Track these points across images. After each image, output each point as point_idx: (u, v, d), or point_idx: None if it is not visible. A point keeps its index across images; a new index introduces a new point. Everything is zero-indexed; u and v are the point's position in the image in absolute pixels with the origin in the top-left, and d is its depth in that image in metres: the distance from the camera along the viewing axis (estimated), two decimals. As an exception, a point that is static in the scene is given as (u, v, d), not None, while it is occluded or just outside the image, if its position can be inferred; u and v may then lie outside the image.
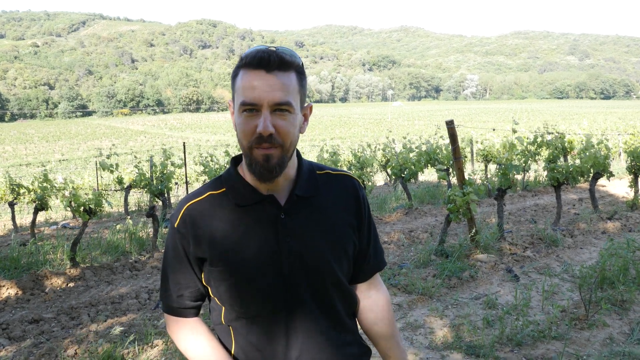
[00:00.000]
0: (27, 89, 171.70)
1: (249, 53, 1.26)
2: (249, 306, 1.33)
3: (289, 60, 1.26)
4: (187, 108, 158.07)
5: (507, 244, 6.20)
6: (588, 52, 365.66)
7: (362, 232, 1.46)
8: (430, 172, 17.26)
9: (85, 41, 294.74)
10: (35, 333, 4.30)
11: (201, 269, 1.37)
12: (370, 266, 1.50)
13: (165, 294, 1.42)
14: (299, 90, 1.29)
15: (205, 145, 43.73)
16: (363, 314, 1.52)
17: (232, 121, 1.32)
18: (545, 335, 3.80)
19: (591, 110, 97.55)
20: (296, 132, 1.29)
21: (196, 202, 1.36)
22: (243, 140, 1.27)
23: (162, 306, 1.45)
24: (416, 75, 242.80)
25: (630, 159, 8.93)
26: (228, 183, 1.38)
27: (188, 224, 1.34)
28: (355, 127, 73.08)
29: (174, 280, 1.39)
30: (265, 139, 1.24)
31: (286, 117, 1.25)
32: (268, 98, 1.23)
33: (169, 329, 1.46)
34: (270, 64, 1.23)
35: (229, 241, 1.31)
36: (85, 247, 7.12)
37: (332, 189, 1.42)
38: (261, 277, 1.31)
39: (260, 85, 1.23)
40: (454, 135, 6.03)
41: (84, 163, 38.25)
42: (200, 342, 1.40)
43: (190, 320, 1.43)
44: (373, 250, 1.50)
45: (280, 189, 1.35)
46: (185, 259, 1.36)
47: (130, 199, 13.98)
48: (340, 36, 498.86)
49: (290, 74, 1.26)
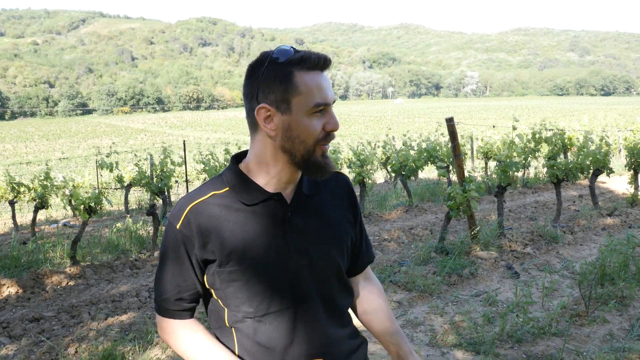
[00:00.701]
0: (27, 87, 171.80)
1: (305, 54, 1.28)
2: (258, 305, 1.32)
3: (330, 61, 1.33)
4: (188, 106, 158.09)
5: (507, 241, 6.20)
6: (588, 48, 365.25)
7: (357, 226, 1.52)
8: (431, 169, 17.25)
9: (86, 39, 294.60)
10: (36, 332, 4.30)
11: (203, 271, 1.35)
12: (364, 259, 1.57)
13: (161, 297, 1.38)
14: None
15: (205, 143, 43.72)
16: (361, 305, 1.57)
17: (271, 126, 1.29)
18: (546, 331, 3.81)
19: (591, 106, 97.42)
20: None
21: (200, 202, 1.34)
22: (309, 140, 1.29)
23: (157, 309, 1.41)
24: (416, 72, 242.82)
25: (631, 155, 8.93)
26: (232, 182, 1.37)
27: (193, 225, 1.32)
28: (356, 124, 73.07)
29: (173, 283, 1.36)
30: (332, 135, 1.32)
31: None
32: (332, 96, 1.31)
33: (164, 332, 1.42)
34: (327, 64, 1.30)
35: (238, 241, 1.31)
36: (85, 246, 7.13)
37: (328, 186, 1.46)
38: (270, 275, 1.31)
39: (326, 85, 1.29)
40: (453, 133, 6.03)
41: (84, 161, 38.28)
42: (201, 341, 1.38)
43: (188, 321, 1.40)
44: (365, 243, 1.57)
45: (284, 186, 1.37)
46: (187, 260, 1.34)
47: (131, 197, 13.99)
48: (341, 34, 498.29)
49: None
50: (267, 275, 1.31)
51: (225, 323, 1.38)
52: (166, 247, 1.37)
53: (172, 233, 1.35)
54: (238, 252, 1.30)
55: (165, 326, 1.41)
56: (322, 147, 1.30)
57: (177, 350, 1.41)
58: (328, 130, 1.30)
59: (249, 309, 1.33)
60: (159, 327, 1.43)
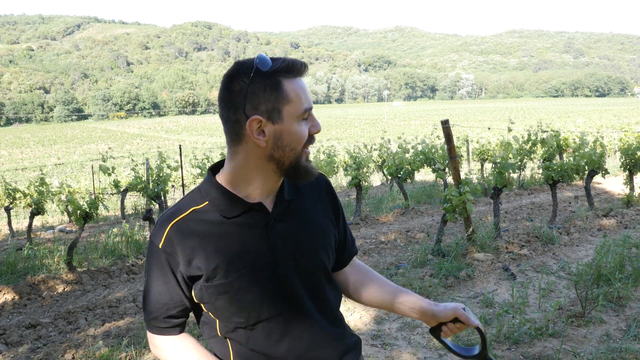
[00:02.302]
0: (22, 93, 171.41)
1: (287, 61, 1.27)
2: (249, 315, 1.32)
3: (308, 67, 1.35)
4: (183, 111, 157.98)
5: (504, 243, 6.21)
6: (583, 50, 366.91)
7: (339, 224, 1.54)
8: (427, 171, 17.27)
9: (81, 44, 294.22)
10: (33, 338, 4.28)
11: (190, 287, 1.34)
12: (348, 254, 1.60)
13: (150, 315, 1.39)
14: None
15: (201, 147, 43.66)
16: (353, 285, 1.61)
17: (262, 136, 1.27)
18: (543, 332, 3.81)
19: (586, 108, 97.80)
20: None
21: (180, 219, 1.33)
22: (298, 146, 1.30)
23: (147, 326, 1.41)
24: (412, 75, 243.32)
25: (625, 156, 8.97)
26: (211, 196, 1.35)
27: (176, 243, 1.31)
28: (352, 127, 73.11)
29: (161, 301, 1.36)
30: (314, 138, 1.35)
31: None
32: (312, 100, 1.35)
33: (156, 348, 1.42)
34: (307, 69, 1.32)
35: (223, 255, 1.30)
36: (82, 251, 7.10)
37: (308, 188, 1.47)
38: (259, 284, 1.31)
39: (306, 89, 1.31)
40: (449, 135, 6.04)
41: (80, 167, 38.19)
42: (193, 354, 1.38)
43: (178, 336, 1.41)
44: (350, 239, 1.61)
45: (266, 194, 1.36)
46: (172, 278, 1.33)
47: (127, 203, 13.97)
48: (336, 37, 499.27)
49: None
50: (255, 285, 1.31)
51: (217, 333, 1.39)
52: (151, 267, 1.36)
53: (155, 252, 1.34)
54: (223, 266, 1.29)
55: (157, 343, 1.42)
56: (307, 152, 1.33)
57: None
58: (313, 133, 1.33)
59: (240, 319, 1.33)
60: (150, 344, 1.44)
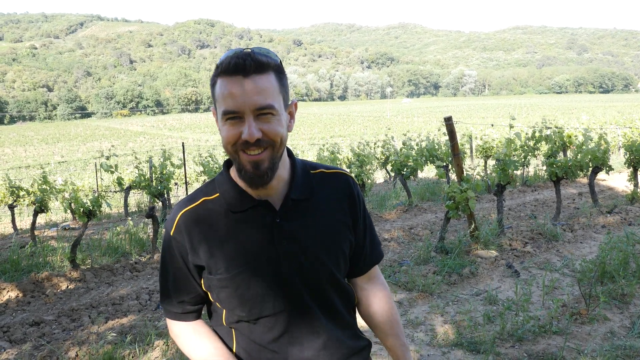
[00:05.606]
0: (25, 91, 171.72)
1: (224, 60, 1.22)
2: (251, 310, 1.33)
3: (265, 62, 1.23)
4: (186, 108, 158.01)
5: (507, 240, 6.20)
6: (586, 46, 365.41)
7: (358, 229, 1.46)
8: (430, 169, 17.23)
9: (84, 43, 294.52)
10: (36, 335, 4.30)
11: (200, 276, 1.37)
12: (366, 261, 1.51)
13: (165, 300, 1.43)
14: (280, 90, 1.26)
15: (204, 145, 43.67)
16: (361, 307, 1.55)
17: (218, 128, 1.29)
18: (546, 330, 3.80)
19: (590, 104, 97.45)
20: (284, 132, 1.27)
21: (191, 209, 1.35)
22: (228, 146, 1.25)
23: (165, 312, 1.46)
24: (415, 72, 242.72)
25: (629, 153, 8.92)
26: (222, 188, 1.36)
27: (184, 232, 1.33)
28: (355, 124, 73.05)
29: (174, 287, 1.40)
30: (254, 143, 1.22)
31: (270, 119, 1.23)
32: (249, 104, 1.20)
33: (172, 333, 1.48)
34: (247, 68, 1.20)
35: (226, 249, 1.31)
36: (85, 249, 7.12)
37: (326, 189, 1.41)
38: (260, 282, 1.31)
39: (240, 92, 1.20)
40: (452, 132, 6.03)
41: (83, 165, 38.27)
42: (203, 344, 1.41)
43: (192, 323, 1.45)
44: (370, 245, 1.50)
45: (274, 192, 1.34)
46: (184, 266, 1.36)
47: (130, 200, 13.99)
48: (339, 34, 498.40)
49: (269, 75, 1.23)
50: (256, 283, 1.31)
51: (223, 322, 1.40)
52: (164, 253, 1.41)
53: (167, 240, 1.38)
54: (226, 261, 1.30)
55: (173, 328, 1.47)
56: (250, 157, 1.24)
57: (183, 351, 1.46)
58: (242, 140, 1.22)
59: (242, 313, 1.34)
60: (169, 328, 1.49)
